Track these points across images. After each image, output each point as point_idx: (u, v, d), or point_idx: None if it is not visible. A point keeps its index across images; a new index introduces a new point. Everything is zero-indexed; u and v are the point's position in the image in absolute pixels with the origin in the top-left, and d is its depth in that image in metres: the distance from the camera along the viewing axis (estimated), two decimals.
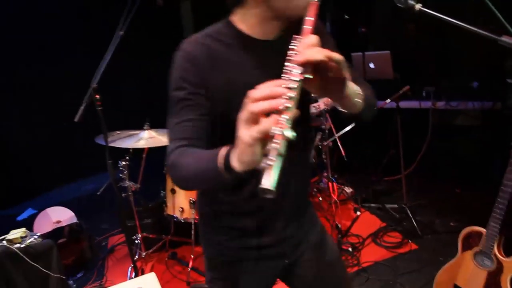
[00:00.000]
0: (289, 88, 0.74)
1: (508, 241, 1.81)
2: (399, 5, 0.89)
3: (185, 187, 1.08)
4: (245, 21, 1.00)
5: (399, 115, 2.95)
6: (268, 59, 0.97)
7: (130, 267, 2.78)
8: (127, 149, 2.64)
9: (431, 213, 3.14)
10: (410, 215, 2.96)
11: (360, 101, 0.95)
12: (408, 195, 3.10)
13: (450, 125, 3.78)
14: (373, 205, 3.35)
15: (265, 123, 0.69)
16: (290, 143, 0.70)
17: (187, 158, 0.91)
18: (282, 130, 0.68)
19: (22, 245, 2.04)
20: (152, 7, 2.27)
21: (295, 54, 0.79)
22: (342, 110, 0.97)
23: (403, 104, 2.97)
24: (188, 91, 0.97)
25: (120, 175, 2.70)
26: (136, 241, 2.89)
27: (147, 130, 2.60)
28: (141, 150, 2.76)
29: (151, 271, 2.83)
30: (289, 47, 0.82)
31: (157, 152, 2.84)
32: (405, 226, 2.97)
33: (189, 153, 0.93)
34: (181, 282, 2.70)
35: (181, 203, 2.69)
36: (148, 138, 2.56)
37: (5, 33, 4.02)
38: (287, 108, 0.70)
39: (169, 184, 2.75)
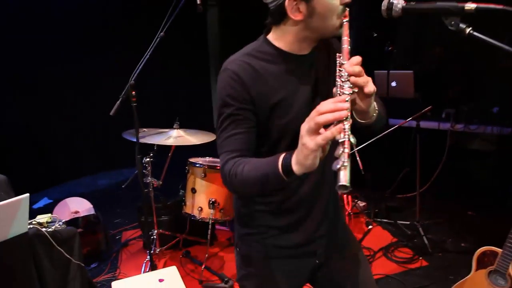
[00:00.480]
0: (346, 101, 0.87)
1: None
2: (450, 28, 0.96)
3: (244, 192, 1.16)
4: (282, 38, 1.11)
5: (418, 134, 3.02)
6: (304, 71, 1.12)
7: (145, 261, 2.85)
8: (150, 147, 2.72)
9: (443, 232, 3.18)
10: (422, 233, 3.00)
11: (375, 115, 1.09)
12: (421, 213, 3.15)
13: (466, 148, 3.84)
14: (385, 220, 3.40)
15: (331, 132, 0.81)
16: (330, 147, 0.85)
17: (246, 166, 1.00)
18: (348, 136, 0.80)
19: (50, 229, 2.12)
20: (189, 12, 2.36)
21: (341, 70, 0.95)
22: (357, 119, 1.09)
23: (422, 124, 3.04)
24: (236, 107, 1.07)
25: (144, 171, 2.78)
26: (152, 237, 2.96)
27: (176, 129, 2.68)
28: (166, 148, 2.84)
29: (163, 267, 2.89)
30: (337, 63, 0.97)
31: (182, 152, 2.94)
32: (416, 242, 3.01)
33: (246, 161, 1.02)
34: (193, 280, 2.76)
35: (200, 203, 2.76)
36: (176, 136, 2.64)
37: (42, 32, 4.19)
38: (346, 118, 0.83)
39: (190, 183, 2.82)
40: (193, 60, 5.38)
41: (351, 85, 0.92)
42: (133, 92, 2.25)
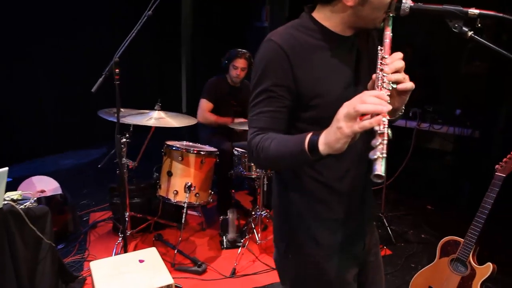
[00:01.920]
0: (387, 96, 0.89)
1: (481, 251, 2.03)
2: (454, 30, 1.03)
3: (269, 166, 1.14)
4: (330, 19, 1.10)
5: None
6: (344, 51, 1.13)
7: (117, 243, 2.80)
8: (125, 127, 2.65)
9: (405, 224, 3.38)
10: (386, 224, 3.18)
11: (400, 114, 1.13)
12: (385, 206, 3.33)
13: (427, 147, 4.08)
14: None
15: (370, 122, 0.81)
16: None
17: (274, 141, 1.00)
18: (386, 129, 0.81)
19: (25, 207, 2.05)
20: None
21: (384, 64, 0.97)
22: None
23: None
24: (273, 82, 1.05)
25: None
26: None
27: (158, 110, 2.65)
28: (141, 129, 2.79)
29: (134, 250, 2.87)
30: (378, 56, 0.99)
31: (155, 135, 2.90)
32: (380, 233, 3.17)
33: (273, 137, 1.01)
34: (166, 263, 2.74)
35: (176, 186, 2.75)
36: (158, 118, 2.60)
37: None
38: (386, 111, 0.83)
39: (166, 166, 2.81)
40: (165, 45, 5.29)
41: (390, 82, 0.94)
42: (117, 70, 2.19)
